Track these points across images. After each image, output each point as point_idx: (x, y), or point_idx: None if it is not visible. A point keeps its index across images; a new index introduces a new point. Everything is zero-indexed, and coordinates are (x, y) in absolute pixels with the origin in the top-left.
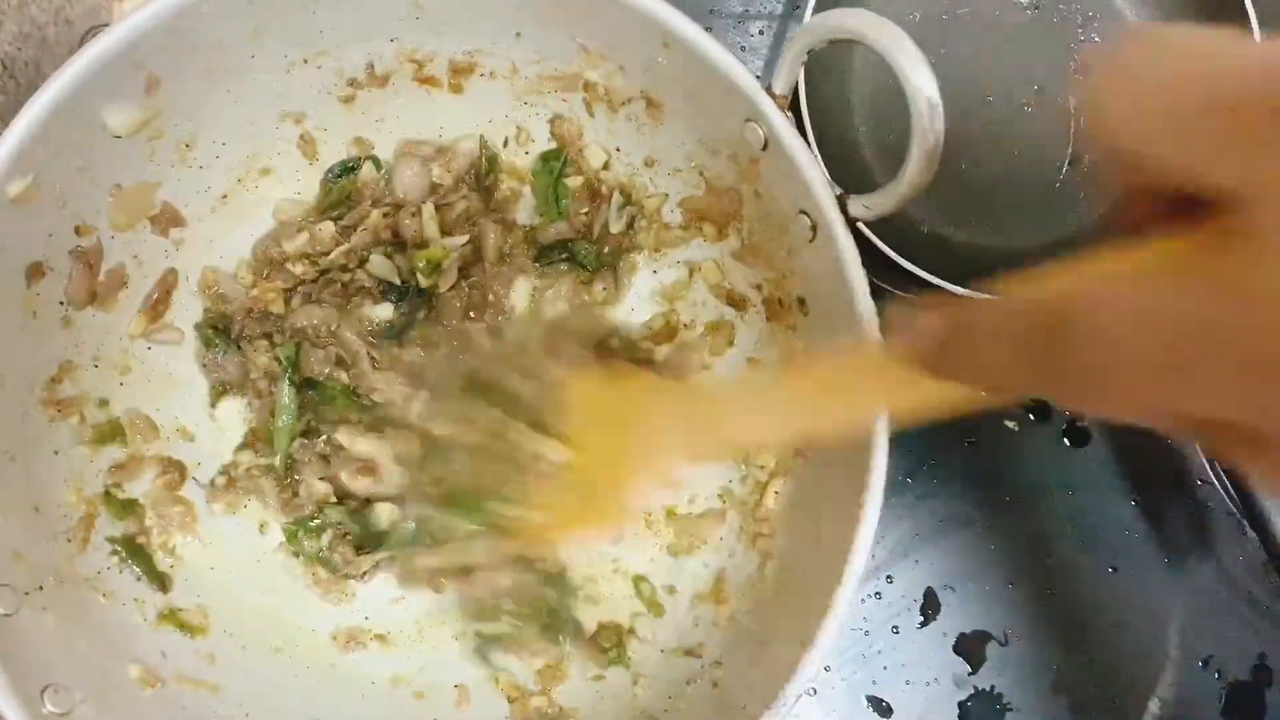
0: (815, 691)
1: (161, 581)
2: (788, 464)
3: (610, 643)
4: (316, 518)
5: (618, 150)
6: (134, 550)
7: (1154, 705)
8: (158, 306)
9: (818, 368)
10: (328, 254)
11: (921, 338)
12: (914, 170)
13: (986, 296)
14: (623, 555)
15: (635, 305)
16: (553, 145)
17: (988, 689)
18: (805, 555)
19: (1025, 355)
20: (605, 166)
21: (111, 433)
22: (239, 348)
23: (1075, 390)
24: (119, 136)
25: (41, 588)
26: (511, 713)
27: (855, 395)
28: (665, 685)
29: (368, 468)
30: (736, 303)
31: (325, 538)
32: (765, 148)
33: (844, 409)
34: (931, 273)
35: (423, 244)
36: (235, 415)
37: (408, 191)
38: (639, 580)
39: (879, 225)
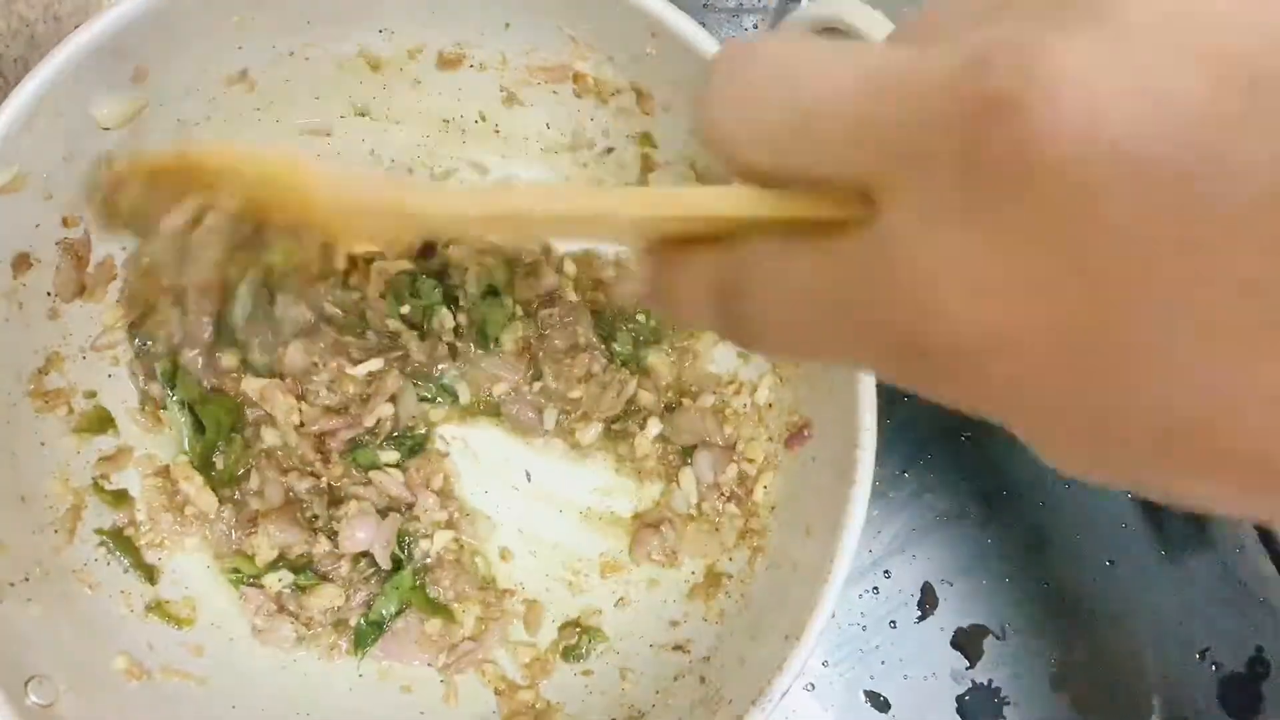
0: (813, 687)
1: (149, 573)
2: (776, 459)
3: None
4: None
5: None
6: (122, 542)
7: (1151, 698)
8: None
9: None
10: None
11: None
12: None
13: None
14: (610, 548)
15: None
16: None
17: (986, 683)
18: (794, 550)
19: (714, 305)
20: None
21: (100, 424)
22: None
23: (750, 343)
24: (107, 129)
25: (27, 579)
26: (499, 706)
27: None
28: (653, 680)
29: None
30: None
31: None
32: None
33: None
34: None
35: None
36: None
37: None
38: None
39: None
